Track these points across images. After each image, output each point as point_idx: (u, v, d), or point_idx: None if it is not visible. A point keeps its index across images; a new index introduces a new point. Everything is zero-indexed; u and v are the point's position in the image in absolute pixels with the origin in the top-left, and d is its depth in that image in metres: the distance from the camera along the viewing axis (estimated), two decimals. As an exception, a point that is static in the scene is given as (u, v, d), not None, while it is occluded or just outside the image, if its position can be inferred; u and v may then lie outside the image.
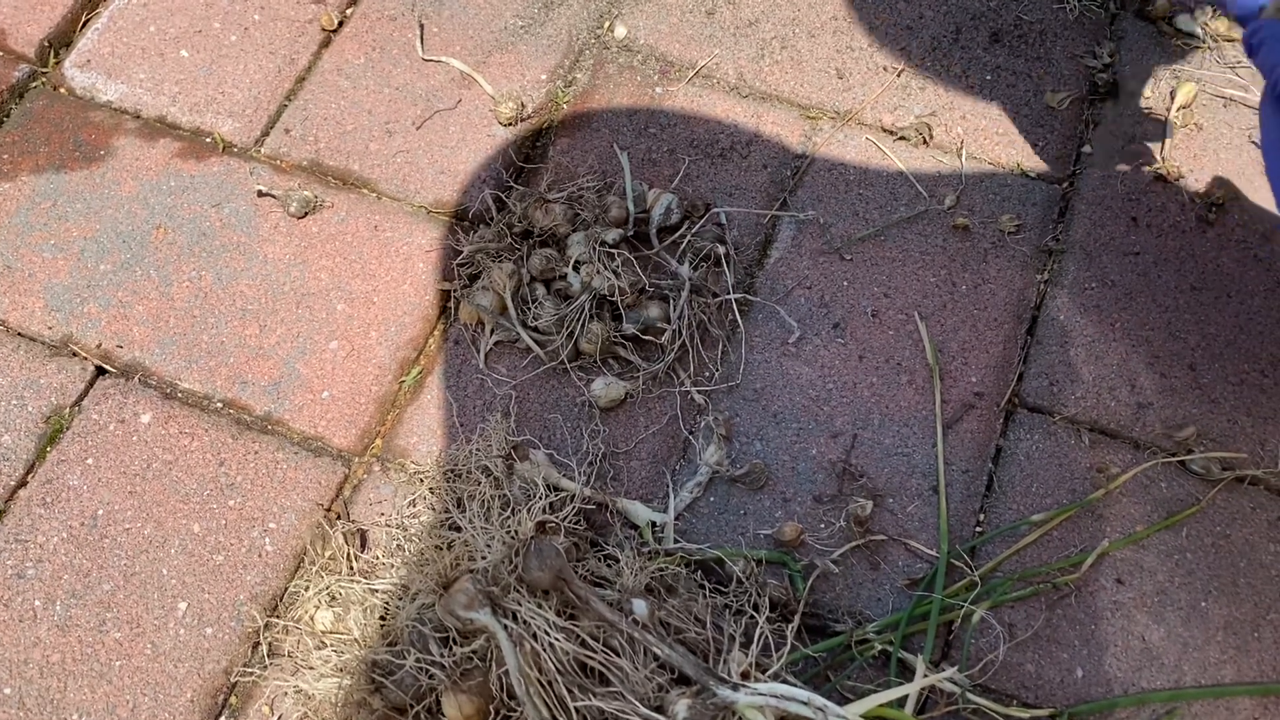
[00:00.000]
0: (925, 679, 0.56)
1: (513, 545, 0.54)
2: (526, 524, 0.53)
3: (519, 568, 0.52)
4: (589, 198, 0.74)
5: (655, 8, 0.84)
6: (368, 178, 0.78)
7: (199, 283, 0.74)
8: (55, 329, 0.73)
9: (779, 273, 0.73)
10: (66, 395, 0.70)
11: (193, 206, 0.77)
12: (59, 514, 0.66)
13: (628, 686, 0.49)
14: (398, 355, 0.71)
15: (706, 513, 0.66)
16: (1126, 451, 0.66)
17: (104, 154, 0.79)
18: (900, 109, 0.79)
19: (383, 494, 0.67)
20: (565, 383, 0.70)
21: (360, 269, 0.74)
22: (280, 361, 0.71)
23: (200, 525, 0.66)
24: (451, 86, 0.81)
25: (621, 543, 0.62)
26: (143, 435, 0.69)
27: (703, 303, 0.71)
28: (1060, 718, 0.59)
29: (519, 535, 0.54)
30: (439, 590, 0.53)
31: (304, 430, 0.69)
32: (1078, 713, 0.59)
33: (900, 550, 0.64)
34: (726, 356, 0.70)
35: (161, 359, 0.72)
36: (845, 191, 0.76)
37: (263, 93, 0.82)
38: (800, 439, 0.68)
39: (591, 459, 0.67)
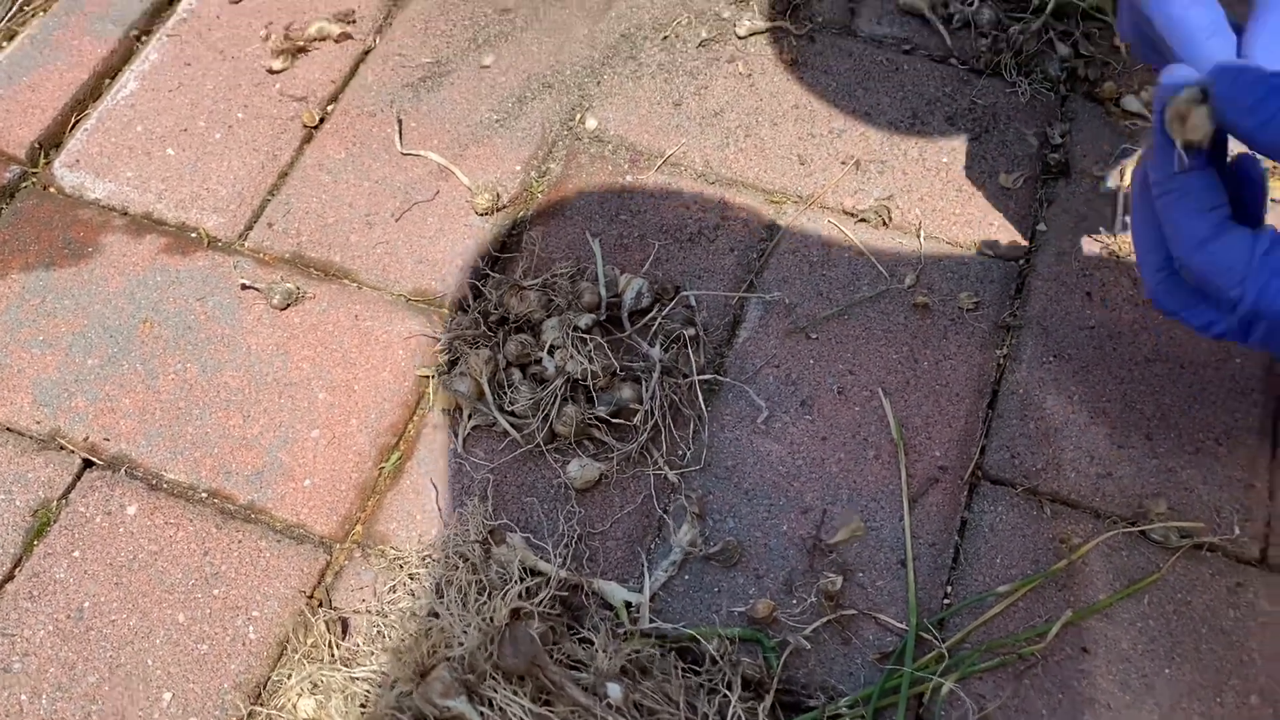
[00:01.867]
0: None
1: (488, 632, 0.55)
2: (502, 611, 0.55)
3: (494, 655, 0.54)
4: (563, 284, 0.76)
5: (624, 100, 0.87)
6: (349, 268, 0.81)
7: (184, 375, 0.76)
8: (43, 423, 0.75)
9: (748, 352, 0.75)
10: (54, 488, 0.72)
11: (178, 300, 0.79)
12: (46, 607, 0.68)
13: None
14: (378, 442, 0.73)
15: (681, 591, 0.67)
16: (1087, 521, 0.68)
17: (92, 250, 0.82)
18: (860, 192, 0.82)
19: (363, 580, 0.68)
20: (542, 465, 0.72)
21: (341, 358, 0.76)
22: (263, 451, 0.73)
23: (185, 615, 0.67)
24: (430, 179, 0.84)
25: (597, 625, 0.63)
26: (129, 526, 0.70)
27: (674, 383, 0.73)
28: (1030, 788, 0.60)
29: (495, 622, 0.55)
30: (416, 678, 0.54)
31: (286, 518, 0.71)
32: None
33: (871, 624, 0.65)
34: (698, 436, 0.72)
35: (147, 450, 0.73)
36: (809, 272, 0.78)
37: (246, 188, 0.85)
38: (772, 515, 0.69)
39: (568, 540, 0.68)
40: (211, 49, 0.93)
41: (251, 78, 0.91)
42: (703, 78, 0.88)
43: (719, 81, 0.88)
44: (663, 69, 0.89)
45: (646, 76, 0.89)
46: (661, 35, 0.91)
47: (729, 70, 0.89)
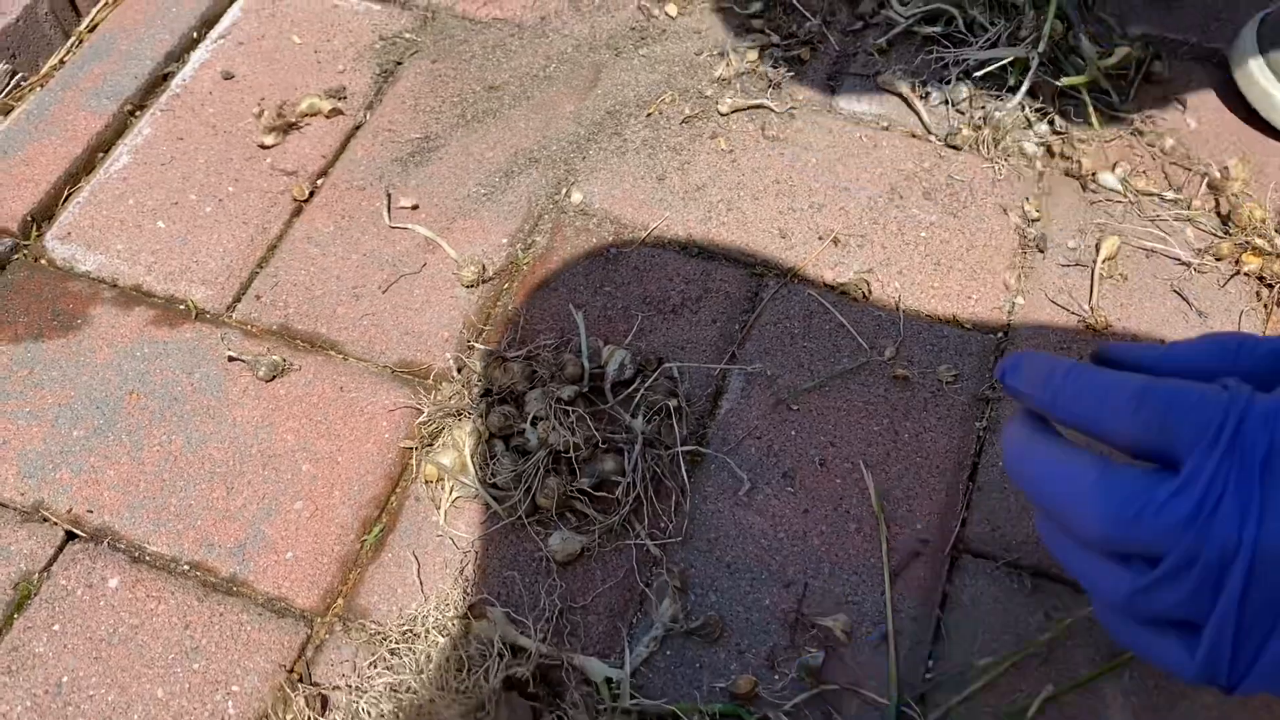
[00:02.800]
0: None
1: (477, 700, 0.55)
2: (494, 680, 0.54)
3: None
4: (546, 355, 0.77)
5: (609, 174, 0.89)
6: (335, 340, 0.81)
7: (169, 447, 0.76)
8: (27, 495, 0.75)
9: (730, 423, 0.76)
10: (36, 561, 0.72)
11: (165, 372, 0.80)
12: (24, 682, 0.67)
13: None
14: (360, 514, 0.73)
15: (663, 666, 0.67)
16: (1068, 594, 0.68)
17: (80, 322, 0.83)
18: (840, 265, 0.83)
19: (344, 654, 0.68)
20: (523, 537, 0.72)
21: (326, 429, 0.77)
22: (246, 523, 0.73)
23: (164, 690, 0.67)
24: (417, 251, 0.86)
25: (577, 701, 0.63)
26: (110, 600, 0.70)
27: (656, 455, 0.73)
28: None
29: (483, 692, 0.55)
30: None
31: (268, 591, 0.70)
32: None
33: (853, 699, 0.65)
34: (680, 508, 0.73)
35: (131, 523, 0.73)
36: (790, 344, 0.79)
37: (235, 261, 0.86)
38: (754, 589, 0.69)
39: (548, 615, 0.68)
40: (204, 124, 0.95)
41: (243, 152, 0.92)
42: (686, 153, 0.90)
43: (702, 157, 0.90)
44: (647, 144, 0.91)
45: (631, 152, 0.90)
46: (646, 112, 0.93)
47: (711, 146, 0.91)
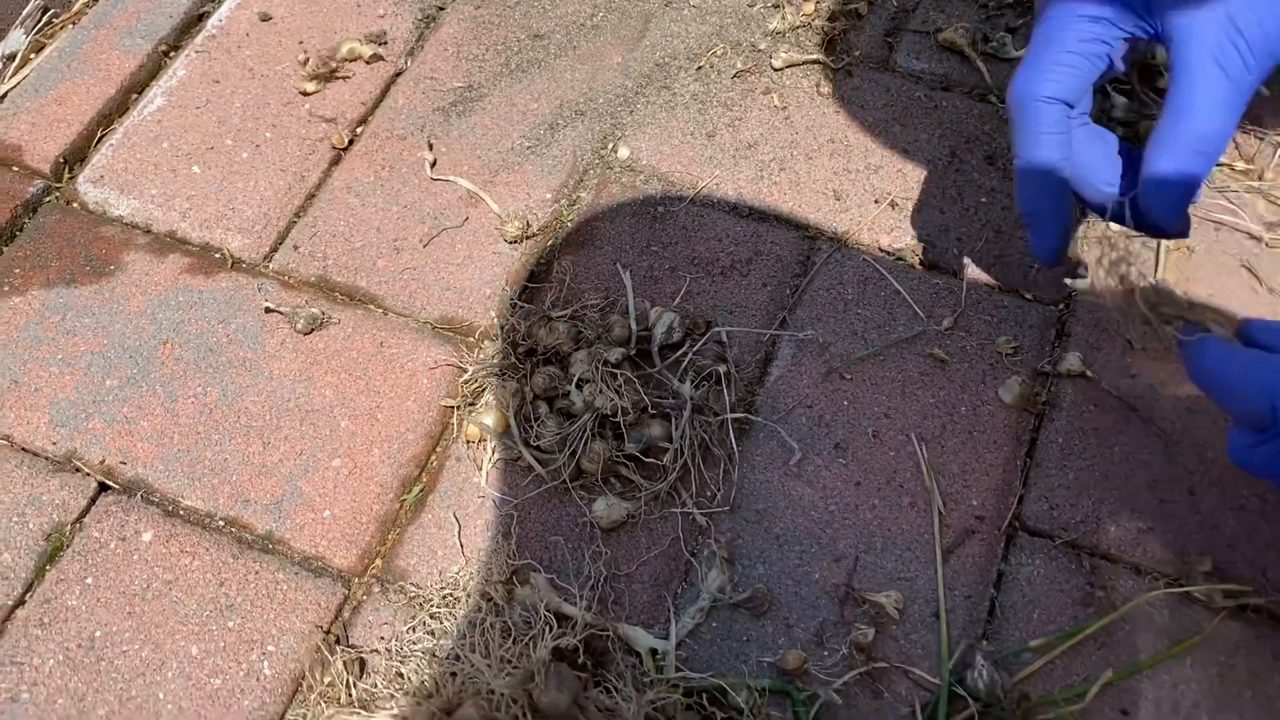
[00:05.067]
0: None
1: (526, 671, 0.53)
2: (542, 650, 0.53)
3: (534, 693, 0.52)
4: (592, 316, 0.75)
5: (658, 130, 0.86)
6: (375, 294, 0.79)
7: (204, 399, 0.75)
8: (60, 444, 0.73)
9: (779, 391, 0.74)
10: (68, 512, 0.70)
11: (200, 322, 0.78)
12: (56, 635, 0.66)
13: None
14: (400, 473, 0.71)
15: (709, 639, 0.65)
16: (1127, 577, 0.66)
17: (114, 269, 0.81)
18: (897, 230, 0.80)
19: (382, 617, 0.66)
20: (567, 502, 0.70)
21: (365, 385, 0.75)
22: (283, 479, 0.71)
23: (198, 647, 0.65)
24: (459, 205, 0.83)
25: (622, 671, 0.62)
26: (143, 554, 0.69)
27: (704, 422, 0.71)
28: None
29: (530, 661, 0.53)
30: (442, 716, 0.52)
31: (305, 550, 0.69)
32: None
33: (903, 679, 0.63)
34: (728, 477, 0.70)
35: (164, 476, 0.72)
36: (844, 311, 0.77)
37: (272, 209, 0.83)
38: (803, 562, 0.67)
39: (593, 582, 0.66)
40: (240, 66, 0.92)
41: (280, 96, 0.90)
42: (737, 109, 0.87)
43: (754, 114, 0.87)
44: (697, 99, 0.88)
45: (680, 107, 0.87)
46: (696, 65, 0.90)
47: (764, 103, 0.87)
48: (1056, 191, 0.65)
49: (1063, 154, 0.64)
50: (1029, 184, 0.66)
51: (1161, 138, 0.61)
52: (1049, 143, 0.64)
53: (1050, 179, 0.65)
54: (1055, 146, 0.64)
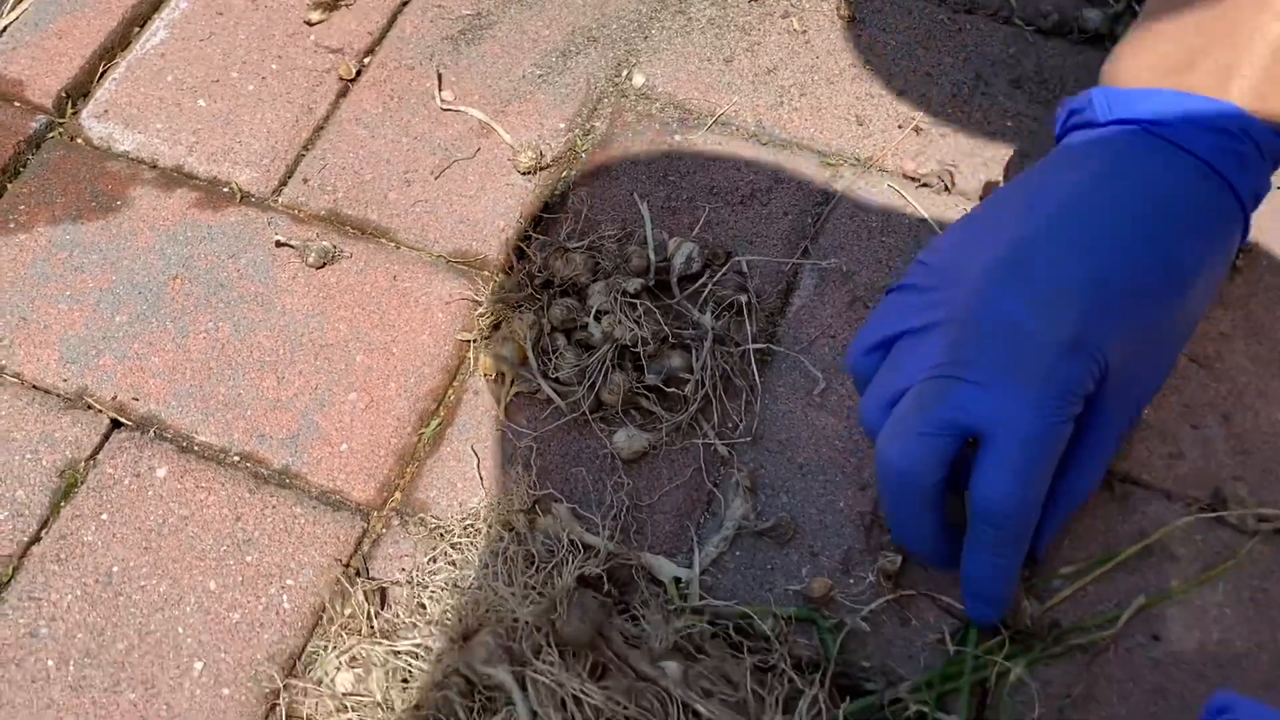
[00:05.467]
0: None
1: (551, 599, 0.52)
2: (568, 578, 0.52)
3: (557, 622, 0.51)
4: (609, 246, 0.73)
5: (673, 56, 0.84)
6: (386, 227, 0.78)
7: (216, 334, 0.73)
8: (70, 381, 0.72)
9: (802, 321, 0.72)
10: (81, 449, 0.69)
11: (209, 257, 0.77)
12: (73, 571, 0.65)
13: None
14: (417, 407, 0.70)
15: (732, 568, 0.64)
16: (1159, 503, 0.65)
17: (120, 204, 0.79)
18: (922, 155, 0.78)
19: (402, 549, 0.65)
20: (587, 435, 0.69)
21: (379, 319, 0.73)
22: (298, 414, 0.70)
23: (216, 582, 0.65)
24: (470, 135, 0.81)
25: (647, 600, 0.61)
26: (158, 490, 0.68)
27: (726, 352, 0.70)
28: (1101, 781, 0.57)
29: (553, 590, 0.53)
30: (460, 641, 0.51)
31: (322, 484, 0.68)
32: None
33: (931, 606, 0.62)
34: (750, 407, 0.69)
35: (178, 411, 0.71)
36: (868, 239, 0.75)
37: (280, 142, 0.82)
38: (827, 491, 0.66)
39: (615, 512, 0.65)
40: (244, -2, 0.90)
41: (285, 27, 0.87)
42: (755, 34, 0.85)
43: (772, 38, 0.84)
44: (713, 24, 0.85)
45: (696, 32, 0.85)
46: (712, -10, 0.87)
47: (783, 26, 0.85)
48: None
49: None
50: (1008, 578, 0.58)
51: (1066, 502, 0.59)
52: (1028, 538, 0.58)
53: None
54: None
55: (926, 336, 0.56)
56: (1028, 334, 0.53)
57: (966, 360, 0.53)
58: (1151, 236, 0.55)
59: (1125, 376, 0.54)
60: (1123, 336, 0.54)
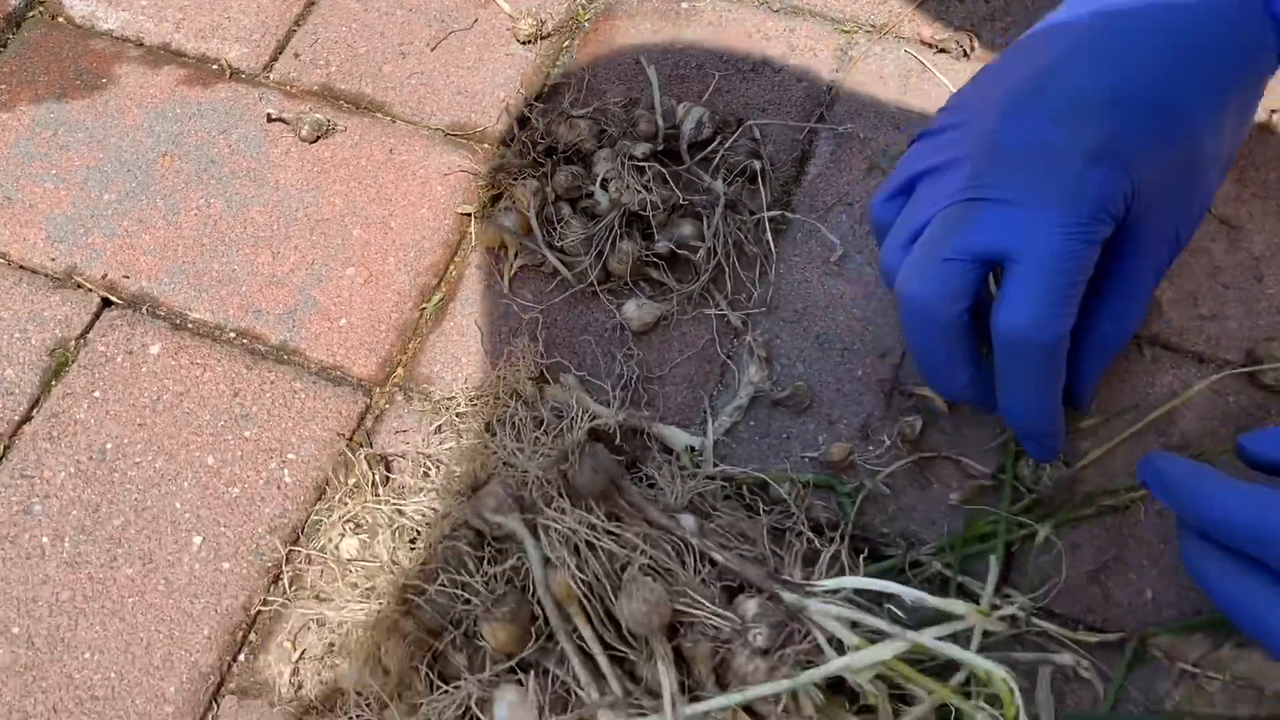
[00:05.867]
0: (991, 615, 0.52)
1: (562, 451, 0.50)
2: (578, 431, 0.50)
3: (569, 474, 0.49)
4: (615, 112, 0.70)
5: (679, -79, 0.80)
6: (381, 101, 0.74)
7: (208, 210, 0.71)
8: (59, 260, 0.69)
9: (818, 189, 0.69)
10: (71, 328, 0.67)
11: (200, 134, 0.74)
12: (66, 448, 0.63)
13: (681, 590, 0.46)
14: (418, 281, 0.68)
15: (747, 437, 0.62)
16: (1189, 366, 0.63)
17: (106, 82, 0.76)
18: (940, 21, 0.75)
19: (407, 423, 0.63)
20: (595, 306, 0.66)
21: (376, 193, 0.71)
22: (295, 289, 0.68)
23: (214, 458, 0.63)
24: (467, 6, 0.78)
25: (660, 466, 0.59)
26: (152, 367, 0.66)
27: (738, 220, 0.67)
28: (1131, 642, 0.55)
29: (565, 442, 0.50)
30: (468, 493, 0.49)
31: (322, 359, 0.66)
32: (1150, 635, 0.55)
33: (952, 469, 0.60)
34: (765, 276, 0.67)
35: (170, 289, 0.68)
36: (884, 106, 0.72)
37: (270, 17, 0.78)
38: (845, 360, 0.64)
39: (625, 381, 0.63)
40: (229, -128, 0.86)
41: (273, -99, 0.84)
42: (765, -100, 0.81)
43: (782, -97, 0.81)
44: (721, -110, 0.81)
45: (703, -102, 0.81)
46: None
47: (793, -109, 0.81)
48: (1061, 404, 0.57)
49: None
50: (1048, 409, 0.55)
51: (1104, 342, 0.56)
52: (1062, 368, 0.54)
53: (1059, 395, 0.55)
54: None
55: (947, 170, 0.53)
56: (1052, 147, 0.50)
57: (988, 182, 0.50)
58: (1182, 48, 0.51)
59: (1159, 200, 0.51)
60: (1153, 152, 0.50)
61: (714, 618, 0.46)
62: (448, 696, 0.46)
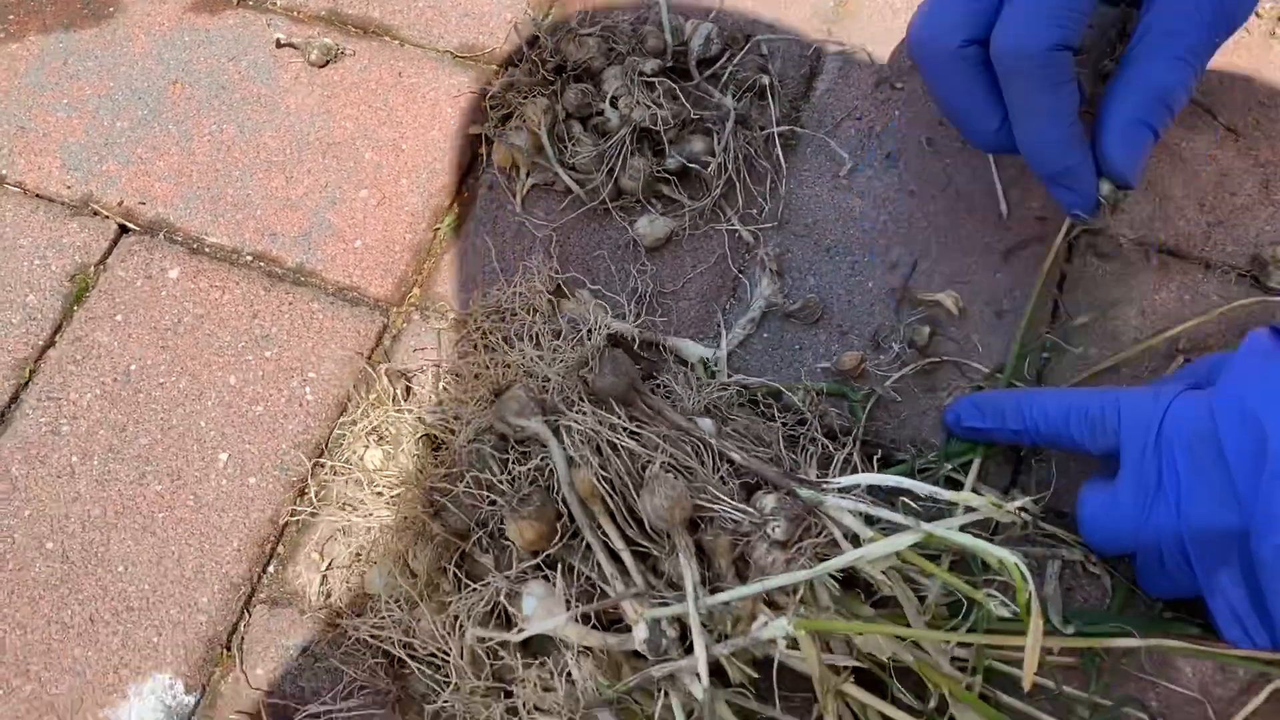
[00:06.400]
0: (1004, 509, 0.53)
1: (582, 355, 0.51)
2: (597, 337, 0.51)
3: (589, 378, 0.50)
4: (623, 29, 0.70)
5: None
6: (389, 24, 0.74)
7: (220, 136, 0.71)
8: (74, 188, 0.70)
9: (827, 105, 0.70)
10: (90, 254, 0.68)
11: (209, 60, 0.74)
12: (90, 370, 0.64)
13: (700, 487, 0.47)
14: (430, 203, 0.68)
15: (760, 349, 0.63)
16: (1196, 272, 0.63)
17: (113, 11, 0.76)
18: (947, -67, 0.74)
19: (425, 341, 0.64)
20: (607, 224, 0.67)
21: (386, 116, 0.71)
22: (309, 212, 0.68)
23: (236, 377, 0.64)
24: (473, -73, 0.77)
25: (676, 376, 0.60)
26: (171, 290, 0.66)
27: (748, 135, 0.67)
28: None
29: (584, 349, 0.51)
30: (490, 398, 0.50)
31: (338, 280, 0.66)
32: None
33: (963, 374, 0.61)
34: (775, 191, 0.67)
35: (186, 214, 0.69)
36: (893, 20, 0.72)
37: (275, -58, 0.78)
38: (855, 272, 0.65)
39: (639, 295, 0.64)
40: None
41: None
42: None
43: None
44: None
45: None
46: None
47: None
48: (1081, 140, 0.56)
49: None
50: (1058, 141, 0.56)
51: (1129, 87, 0.55)
52: (1068, 94, 0.55)
53: (1075, 129, 0.56)
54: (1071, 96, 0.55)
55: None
56: None
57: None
58: None
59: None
60: None
61: (733, 512, 0.47)
62: (476, 593, 0.47)
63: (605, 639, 0.47)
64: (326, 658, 0.56)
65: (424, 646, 0.48)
